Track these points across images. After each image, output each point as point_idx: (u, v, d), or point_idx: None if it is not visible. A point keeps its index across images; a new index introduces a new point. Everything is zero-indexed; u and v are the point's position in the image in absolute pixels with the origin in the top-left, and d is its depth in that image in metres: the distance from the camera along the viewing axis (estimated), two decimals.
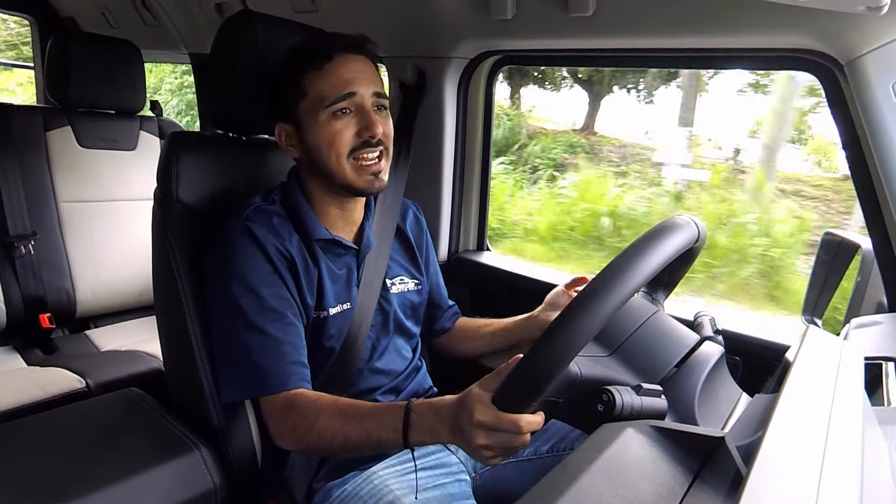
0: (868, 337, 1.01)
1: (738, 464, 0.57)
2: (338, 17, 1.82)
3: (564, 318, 0.75)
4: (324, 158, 1.17)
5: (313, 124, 1.16)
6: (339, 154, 1.16)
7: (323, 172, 1.19)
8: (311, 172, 1.22)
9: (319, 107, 1.15)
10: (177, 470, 1.11)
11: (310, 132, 1.17)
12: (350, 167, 1.16)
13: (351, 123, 1.16)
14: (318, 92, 1.15)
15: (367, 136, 1.15)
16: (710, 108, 8.46)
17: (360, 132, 1.16)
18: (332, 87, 1.15)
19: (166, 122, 2.38)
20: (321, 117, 1.15)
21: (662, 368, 0.96)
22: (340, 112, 1.15)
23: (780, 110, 7.38)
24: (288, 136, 1.21)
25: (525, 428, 0.84)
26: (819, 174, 7.37)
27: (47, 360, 1.94)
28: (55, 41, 2.06)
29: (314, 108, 1.16)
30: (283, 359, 1.11)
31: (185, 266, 1.19)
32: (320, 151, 1.17)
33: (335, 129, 1.15)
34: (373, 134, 1.15)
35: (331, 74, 1.15)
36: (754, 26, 1.22)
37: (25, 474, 1.05)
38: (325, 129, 1.15)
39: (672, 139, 7.46)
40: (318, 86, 1.15)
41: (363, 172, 1.17)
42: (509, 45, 1.68)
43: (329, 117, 1.15)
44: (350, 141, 1.16)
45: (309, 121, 1.17)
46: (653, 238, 0.83)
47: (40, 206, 2.03)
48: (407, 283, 1.36)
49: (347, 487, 1.13)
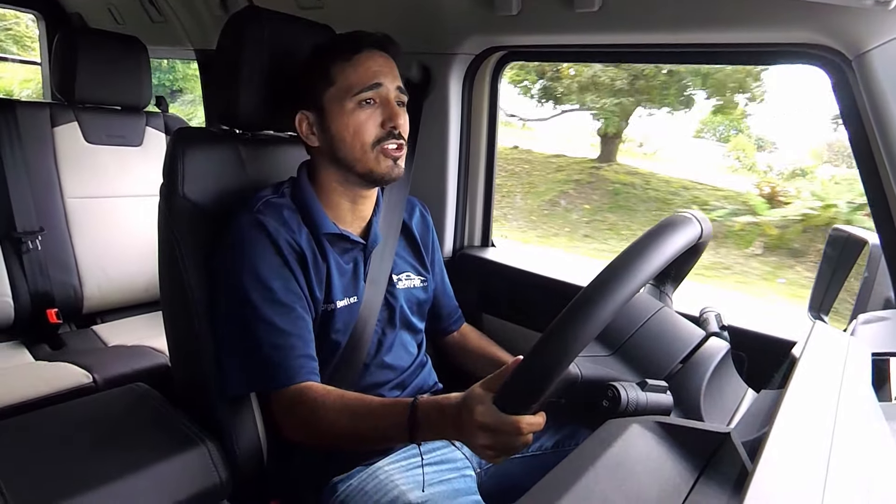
0: (875, 332, 1.00)
1: (744, 460, 0.57)
2: (343, 14, 1.82)
3: (563, 320, 0.75)
4: (347, 147, 1.18)
5: (338, 112, 1.18)
6: (363, 143, 1.18)
7: (343, 161, 1.20)
8: (329, 161, 1.22)
9: (346, 95, 1.17)
10: (183, 465, 1.11)
11: (334, 120, 1.19)
12: (373, 156, 1.18)
13: (375, 114, 1.18)
14: (345, 81, 1.17)
15: (391, 126, 1.18)
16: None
17: (383, 123, 1.18)
18: (359, 77, 1.17)
19: (172, 118, 2.39)
20: (347, 106, 1.17)
21: (668, 364, 0.96)
22: (366, 102, 1.17)
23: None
24: (309, 123, 1.22)
25: (525, 429, 0.85)
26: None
27: (54, 355, 1.95)
28: (62, 37, 2.06)
29: (341, 97, 1.18)
30: (293, 352, 1.11)
31: (190, 262, 1.20)
32: (343, 140, 1.18)
33: (360, 119, 1.17)
34: (395, 125, 1.18)
35: (359, 65, 1.18)
36: (761, 21, 1.21)
37: (32, 469, 1.05)
38: (351, 118, 1.17)
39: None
40: (347, 75, 1.17)
41: (384, 158, 1.19)
42: (514, 40, 1.67)
43: (355, 106, 1.17)
44: (374, 131, 1.18)
45: (334, 109, 1.18)
46: (654, 237, 0.82)
47: (47, 201, 2.04)
48: (413, 279, 1.36)
49: (353, 482, 1.14)
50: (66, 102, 2.11)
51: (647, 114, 8.95)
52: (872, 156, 1.17)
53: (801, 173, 10.26)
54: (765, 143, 10.60)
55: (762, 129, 9.94)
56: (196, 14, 2.42)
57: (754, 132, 10.15)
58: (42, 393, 1.63)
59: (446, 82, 1.76)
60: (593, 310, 0.74)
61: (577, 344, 0.75)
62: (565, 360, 0.76)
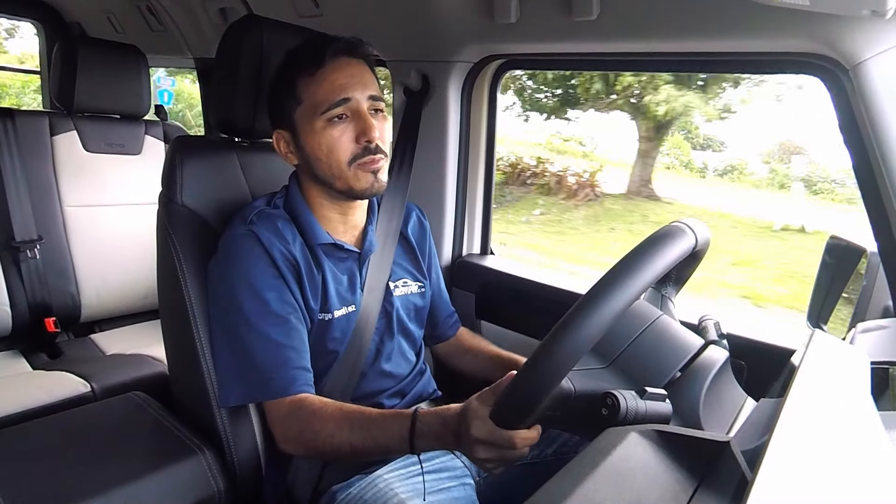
0: (874, 341, 1.00)
1: (744, 469, 0.57)
2: (341, 22, 1.82)
3: (555, 336, 0.75)
4: (323, 166, 1.16)
5: (310, 132, 1.15)
6: (339, 162, 1.15)
7: (322, 179, 1.18)
8: (310, 178, 1.22)
9: (315, 113, 1.14)
10: (181, 474, 1.11)
11: (307, 140, 1.16)
12: (351, 172, 1.16)
13: (348, 129, 1.15)
14: (312, 98, 1.15)
15: (365, 141, 1.14)
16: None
17: (357, 138, 1.14)
18: (325, 94, 1.14)
19: (171, 126, 2.39)
20: (317, 124, 1.14)
21: (667, 373, 0.95)
22: (336, 118, 1.14)
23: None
24: (286, 142, 1.21)
25: (520, 444, 0.86)
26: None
27: (52, 364, 1.95)
28: (61, 46, 2.07)
29: (310, 115, 1.15)
30: (287, 364, 1.11)
31: (189, 270, 1.20)
32: (319, 159, 1.16)
33: (333, 137, 1.14)
34: (370, 139, 1.14)
35: (324, 80, 1.14)
36: (759, 30, 1.21)
37: (30, 478, 1.05)
38: (323, 137, 1.14)
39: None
40: (313, 92, 1.15)
41: (363, 172, 1.16)
42: (513, 48, 1.68)
43: (325, 124, 1.14)
44: (349, 148, 1.15)
45: (305, 128, 1.16)
46: (648, 249, 0.82)
47: (46, 210, 2.03)
48: (410, 285, 1.36)
49: (352, 491, 1.13)
50: (65, 111, 2.11)
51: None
52: (870, 165, 1.17)
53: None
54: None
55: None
56: (195, 23, 2.43)
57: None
58: (40, 402, 1.63)
59: (445, 90, 1.76)
60: (585, 325, 0.74)
61: (568, 360, 0.75)
62: (557, 376, 0.77)
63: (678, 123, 10.80)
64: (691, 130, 12.22)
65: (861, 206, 1.21)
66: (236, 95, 1.27)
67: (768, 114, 11.98)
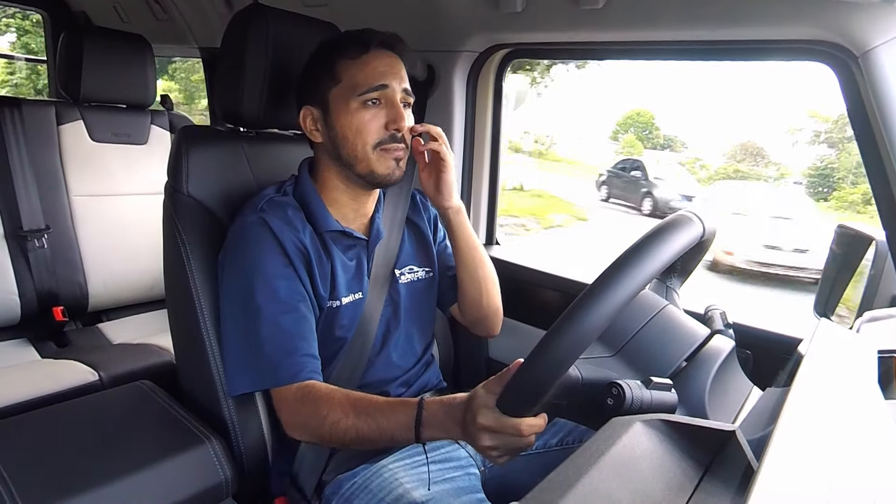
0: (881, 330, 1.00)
1: (750, 457, 0.57)
2: (347, 12, 1.82)
3: (562, 324, 0.74)
4: (349, 146, 1.17)
5: (343, 111, 1.17)
6: (365, 143, 1.16)
7: (345, 160, 1.19)
8: (331, 158, 1.22)
9: (352, 94, 1.16)
10: (188, 462, 1.12)
11: (338, 118, 1.18)
12: (374, 156, 1.17)
13: (380, 115, 1.17)
14: (351, 80, 1.16)
15: (394, 128, 1.16)
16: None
17: (387, 125, 1.17)
18: (366, 77, 1.16)
19: (177, 116, 2.39)
20: (352, 105, 1.16)
21: (672, 362, 0.95)
22: (371, 102, 1.16)
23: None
24: (313, 119, 1.21)
25: (527, 431, 0.86)
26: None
27: (60, 352, 1.96)
28: (67, 36, 2.06)
29: (346, 95, 1.16)
30: (296, 351, 1.11)
31: (195, 259, 1.20)
32: (346, 139, 1.17)
33: (364, 119, 1.16)
34: (399, 127, 1.16)
35: (366, 65, 1.16)
36: (767, 18, 1.20)
37: (39, 466, 1.05)
38: (355, 117, 1.16)
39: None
40: (353, 74, 1.16)
41: (386, 158, 1.17)
42: (518, 38, 1.67)
43: (360, 106, 1.16)
44: (377, 132, 1.16)
45: (339, 107, 1.17)
46: (655, 238, 0.81)
47: (53, 200, 2.04)
48: (417, 271, 1.36)
49: (357, 480, 1.14)
50: (71, 101, 2.12)
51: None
52: (879, 152, 1.16)
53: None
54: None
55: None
56: (201, 12, 2.43)
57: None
58: (48, 391, 1.64)
59: (450, 80, 1.76)
60: (592, 313, 0.73)
61: (575, 348, 0.75)
62: (565, 364, 0.76)
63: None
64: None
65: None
66: (242, 85, 1.27)
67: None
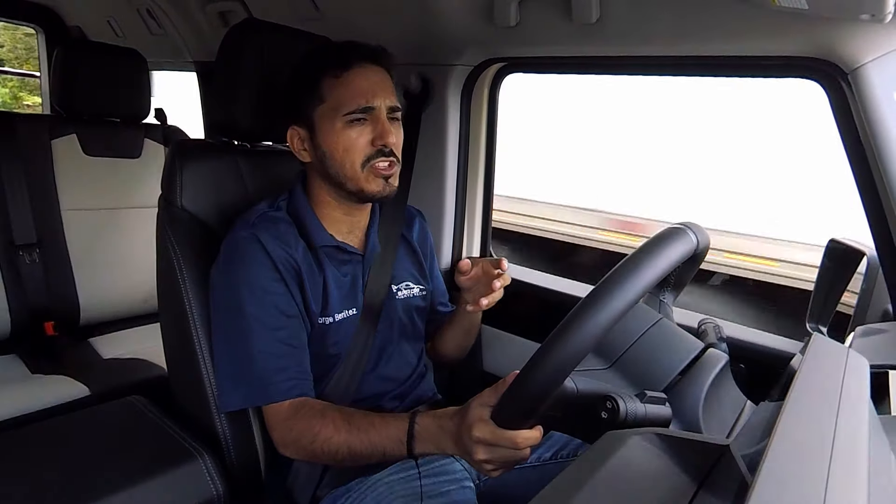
0: (874, 345, 1.00)
1: (744, 472, 0.57)
2: (342, 26, 1.82)
3: (558, 336, 0.74)
4: (337, 165, 1.17)
5: (329, 130, 1.17)
6: (353, 162, 1.16)
7: (335, 179, 1.19)
8: (321, 177, 1.22)
9: (336, 114, 1.16)
10: (180, 478, 1.11)
11: (324, 138, 1.18)
12: (364, 175, 1.17)
13: (366, 131, 1.16)
14: (335, 99, 1.16)
15: (381, 144, 1.16)
16: None
17: (374, 140, 1.16)
18: (349, 97, 1.15)
19: (171, 129, 2.39)
20: (337, 124, 1.16)
21: (666, 376, 0.95)
22: (356, 121, 1.16)
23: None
24: (301, 139, 1.22)
25: (522, 444, 0.86)
26: None
27: (51, 367, 1.94)
28: (61, 50, 2.07)
29: (331, 115, 1.16)
30: (288, 368, 1.11)
31: (189, 274, 1.20)
32: (334, 158, 1.17)
33: (351, 138, 1.16)
34: (386, 143, 1.16)
35: (349, 83, 1.16)
36: (759, 34, 1.21)
37: (29, 483, 1.05)
38: (341, 136, 1.16)
39: None
40: (336, 93, 1.16)
41: (376, 177, 1.17)
42: (512, 51, 1.68)
43: (345, 125, 1.16)
44: (365, 149, 1.16)
45: (325, 126, 1.17)
46: (649, 250, 0.82)
47: (45, 214, 2.03)
48: (412, 288, 1.36)
49: (352, 495, 1.13)
50: (64, 115, 2.11)
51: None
52: (869, 169, 1.17)
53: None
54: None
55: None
56: (195, 26, 2.43)
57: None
58: (39, 406, 1.63)
59: (445, 93, 1.76)
60: (587, 325, 0.73)
61: (571, 359, 0.74)
62: (560, 376, 0.76)
63: None
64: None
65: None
66: (237, 99, 1.27)
67: None
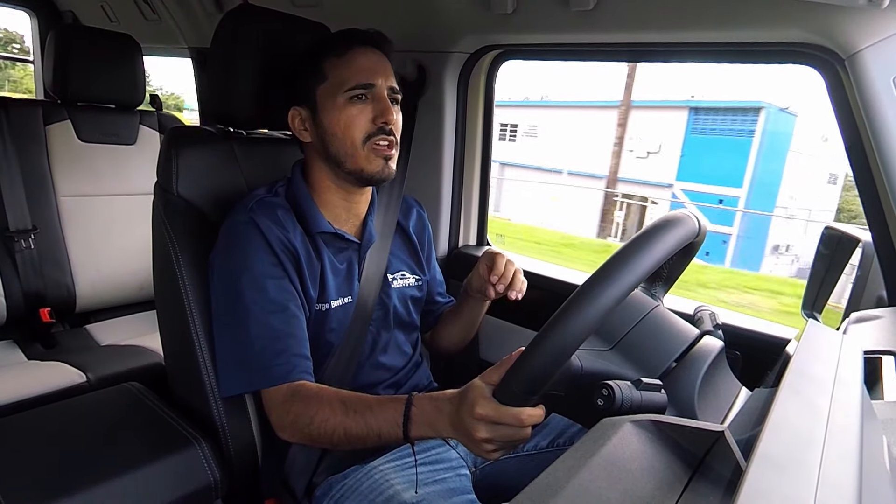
0: (867, 331, 1.01)
1: (738, 458, 0.57)
2: (338, 12, 1.81)
3: (564, 313, 0.75)
4: (338, 142, 1.18)
5: (330, 108, 1.18)
6: (354, 139, 1.17)
7: (334, 158, 1.19)
8: (321, 158, 1.22)
9: (338, 91, 1.17)
10: (177, 464, 1.11)
11: (326, 115, 1.18)
12: (364, 153, 1.18)
13: (367, 109, 1.17)
14: (338, 77, 1.17)
15: (382, 122, 1.17)
16: None
17: (375, 118, 1.17)
18: (351, 73, 1.17)
19: (166, 116, 2.37)
20: (339, 101, 1.17)
21: (662, 363, 0.96)
22: (357, 98, 1.17)
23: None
24: (302, 119, 1.22)
25: (526, 421, 0.84)
26: None
27: (47, 354, 1.95)
28: (55, 35, 2.05)
29: (333, 92, 1.17)
30: (286, 351, 1.11)
31: (185, 260, 1.19)
32: (335, 135, 1.18)
33: (352, 114, 1.17)
34: (387, 120, 1.17)
35: (352, 61, 1.17)
36: (755, 20, 1.21)
37: (26, 468, 1.05)
38: (342, 113, 1.17)
39: None
40: (339, 71, 1.17)
41: (375, 156, 1.18)
42: (509, 39, 1.67)
43: (346, 102, 1.17)
44: (365, 126, 1.17)
45: (326, 104, 1.18)
46: (654, 232, 0.82)
47: (40, 200, 2.02)
48: (408, 278, 1.36)
49: (348, 482, 1.13)
50: (59, 100, 2.10)
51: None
52: (865, 155, 1.17)
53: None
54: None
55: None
56: (190, 12, 2.42)
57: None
58: (35, 392, 1.63)
59: (441, 81, 1.76)
60: (594, 302, 0.74)
61: (577, 336, 0.75)
62: (567, 352, 0.76)
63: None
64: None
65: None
66: (232, 86, 1.26)
67: None
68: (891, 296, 1.19)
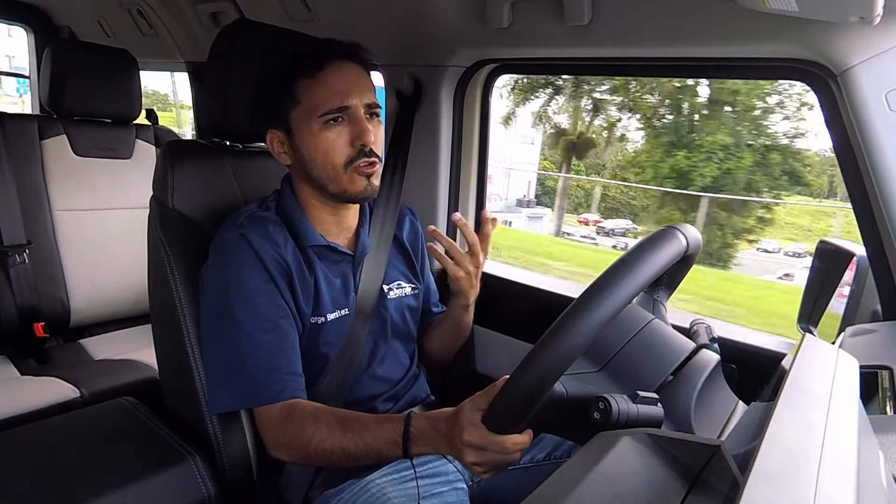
0: (863, 345, 1.01)
1: (735, 472, 0.57)
2: (334, 26, 1.82)
3: (547, 340, 0.75)
4: (318, 168, 1.17)
5: (306, 133, 1.16)
6: (334, 164, 1.16)
7: (317, 181, 1.19)
8: (303, 179, 1.22)
9: (312, 116, 1.15)
10: (171, 479, 1.10)
11: (302, 140, 1.17)
12: (347, 176, 1.16)
13: (344, 132, 1.15)
14: (311, 101, 1.15)
15: (360, 144, 1.15)
16: None
17: (352, 141, 1.15)
18: (325, 97, 1.14)
19: (162, 130, 2.38)
20: (314, 127, 1.15)
21: (658, 376, 0.95)
22: (333, 121, 1.15)
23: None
24: (280, 142, 1.21)
25: (511, 448, 0.86)
26: None
27: (41, 369, 1.93)
28: (51, 50, 2.05)
29: (307, 117, 1.15)
30: (278, 369, 1.10)
31: (180, 275, 1.19)
32: (314, 161, 1.17)
33: (329, 139, 1.15)
34: (365, 143, 1.15)
35: (324, 83, 1.15)
36: (749, 36, 1.22)
37: (19, 485, 1.04)
38: (319, 139, 1.15)
39: None
40: (311, 94, 1.15)
41: (358, 176, 1.17)
42: (505, 53, 1.68)
43: (322, 126, 1.15)
44: (345, 151, 1.15)
45: (302, 129, 1.17)
46: (640, 253, 0.82)
47: (35, 215, 2.02)
48: (404, 287, 1.36)
49: (345, 496, 1.13)
50: (54, 115, 2.10)
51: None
52: (859, 170, 1.18)
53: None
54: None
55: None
56: (187, 27, 2.42)
57: None
58: (28, 408, 1.61)
59: (437, 94, 1.77)
60: (578, 329, 0.74)
61: (561, 363, 0.75)
62: (549, 381, 0.77)
63: None
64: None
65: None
66: (229, 100, 1.27)
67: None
68: (886, 310, 1.19)
